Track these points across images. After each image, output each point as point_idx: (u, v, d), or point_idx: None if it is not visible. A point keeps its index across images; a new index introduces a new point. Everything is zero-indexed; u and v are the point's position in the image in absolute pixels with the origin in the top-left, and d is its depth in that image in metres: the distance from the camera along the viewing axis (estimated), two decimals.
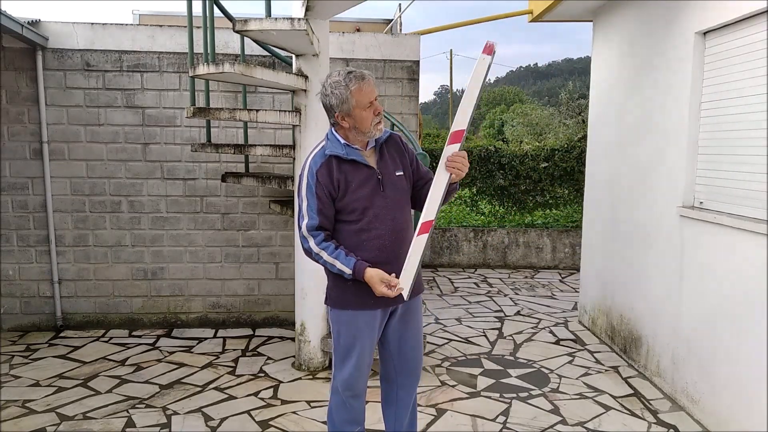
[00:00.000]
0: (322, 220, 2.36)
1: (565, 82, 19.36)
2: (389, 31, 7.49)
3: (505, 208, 8.38)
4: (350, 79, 2.31)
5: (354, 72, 2.34)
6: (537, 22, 5.84)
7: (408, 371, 2.63)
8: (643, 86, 4.26)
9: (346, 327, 2.50)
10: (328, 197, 2.36)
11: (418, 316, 2.63)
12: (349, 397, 2.55)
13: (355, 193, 2.37)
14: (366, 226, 2.38)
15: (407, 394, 2.67)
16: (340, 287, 2.46)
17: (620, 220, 4.64)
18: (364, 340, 2.49)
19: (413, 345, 2.61)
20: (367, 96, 2.32)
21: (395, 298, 2.40)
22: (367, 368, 2.54)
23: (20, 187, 4.92)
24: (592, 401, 3.74)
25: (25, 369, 4.20)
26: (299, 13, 3.73)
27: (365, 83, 2.32)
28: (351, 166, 2.38)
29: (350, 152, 2.39)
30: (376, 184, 2.40)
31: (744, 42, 3.17)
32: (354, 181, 2.37)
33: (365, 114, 2.33)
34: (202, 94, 4.68)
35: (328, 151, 2.38)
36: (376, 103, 2.36)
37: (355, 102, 2.31)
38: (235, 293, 5.22)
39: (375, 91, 2.37)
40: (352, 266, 2.31)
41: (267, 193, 5.11)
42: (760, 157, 3.01)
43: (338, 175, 2.35)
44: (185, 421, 3.43)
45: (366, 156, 2.43)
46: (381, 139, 2.47)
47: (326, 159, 2.37)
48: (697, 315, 3.48)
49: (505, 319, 5.51)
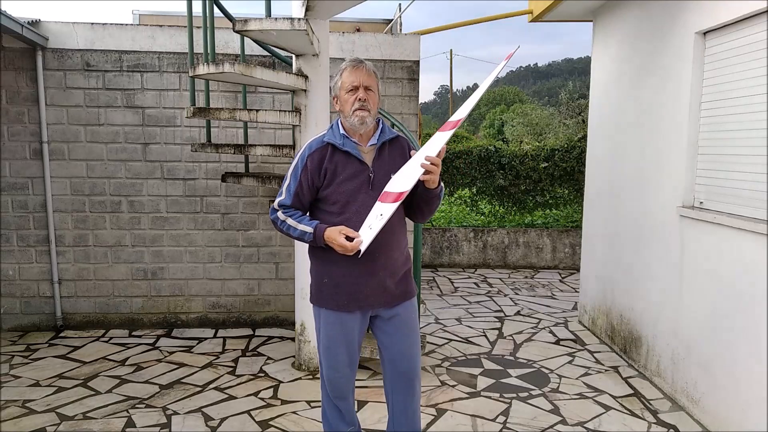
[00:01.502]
0: (295, 201, 2.43)
1: (565, 82, 19.38)
2: (389, 31, 7.49)
3: (505, 208, 8.38)
4: (348, 63, 2.41)
5: (354, 58, 2.43)
6: (537, 22, 5.84)
7: (397, 375, 2.58)
8: (643, 86, 4.26)
9: (322, 325, 2.52)
10: (309, 183, 2.40)
11: (409, 321, 2.56)
12: (335, 397, 2.58)
13: (340, 185, 2.38)
14: (346, 220, 2.36)
15: (403, 398, 2.62)
16: (317, 285, 2.50)
17: (620, 220, 4.64)
18: (339, 341, 2.48)
19: (402, 350, 2.54)
20: (353, 79, 2.37)
21: (371, 301, 2.43)
22: (345, 369, 2.53)
23: (20, 187, 4.92)
24: (592, 401, 3.74)
25: (25, 369, 4.20)
26: (299, 13, 3.73)
27: (356, 69, 2.38)
28: (344, 158, 2.40)
29: (346, 143, 2.40)
30: (365, 181, 2.39)
31: (744, 42, 3.17)
32: (342, 173, 2.38)
33: (346, 96, 2.39)
34: (202, 94, 4.68)
35: (326, 138, 2.42)
36: (361, 91, 2.37)
37: (341, 83, 2.40)
38: (235, 293, 5.22)
39: (367, 79, 2.39)
40: (314, 227, 2.34)
41: (267, 193, 5.11)
42: (760, 157, 3.01)
43: (328, 164, 2.38)
44: (185, 421, 3.43)
45: (363, 151, 2.43)
46: (384, 138, 2.47)
47: (322, 146, 2.42)
48: (697, 315, 3.48)
49: (505, 319, 5.51)
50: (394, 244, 2.46)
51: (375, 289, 2.43)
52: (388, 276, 2.45)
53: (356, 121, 2.37)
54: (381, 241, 2.33)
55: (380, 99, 2.51)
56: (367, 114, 2.37)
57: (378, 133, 2.48)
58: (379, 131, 2.48)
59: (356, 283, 2.41)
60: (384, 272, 2.43)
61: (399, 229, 2.50)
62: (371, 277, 2.41)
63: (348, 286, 2.42)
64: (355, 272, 2.39)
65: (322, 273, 2.48)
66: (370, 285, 2.42)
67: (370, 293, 2.43)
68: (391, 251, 2.44)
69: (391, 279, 2.46)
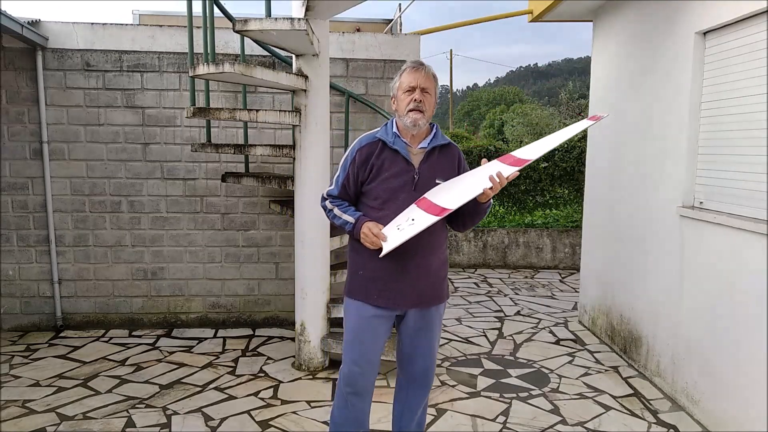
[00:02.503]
0: (342, 193, 2.49)
1: (565, 82, 19.39)
2: (389, 31, 7.49)
3: (505, 208, 8.38)
4: (409, 64, 2.45)
5: (417, 61, 2.46)
6: (537, 22, 5.84)
7: (412, 377, 2.63)
8: (643, 86, 4.26)
9: (350, 317, 2.54)
10: (354, 177, 2.46)
11: (434, 326, 2.58)
12: (349, 393, 2.55)
13: (384, 182, 2.42)
14: (384, 217, 2.39)
15: (415, 398, 2.67)
16: (352, 276, 2.53)
17: (620, 220, 4.64)
18: (365, 336, 2.49)
19: (422, 353, 2.58)
20: (411, 79, 2.40)
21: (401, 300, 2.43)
22: (368, 366, 2.53)
23: (20, 187, 4.92)
24: (592, 401, 3.74)
25: (25, 369, 4.20)
26: (299, 13, 3.73)
27: (416, 70, 2.42)
28: (391, 155, 2.43)
29: (396, 142, 2.44)
30: (409, 181, 2.41)
31: (744, 42, 3.17)
32: (388, 171, 2.42)
33: (403, 96, 2.42)
34: (202, 94, 4.68)
35: (379, 134, 2.48)
36: (418, 92, 2.39)
37: (399, 83, 2.44)
38: (235, 293, 5.22)
39: (425, 81, 2.41)
40: (357, 218, 2.39)
41: (267, 193, 5.11)
42: (760, 157, 3.01)
43: (375, 160, 2.43)
44: (185, 421, 3.43)
45: (412, 152, 2.46)
46: (436, 143, 2.48)
47: (373, 141, 2.47)
48: (697, 315, 3.48)
49: (505, 319, 5.51)
50: (435, 246, 2.47)
51: (407, 288, 2.44)
52: (422, 276, 2.45)
53: (409, 122, 2.40)
54: (420, 241, 2.34)
55: (437, 102, 2.53)
56: (420, 116, 2.40)
57: (430, 138, 2.49)
58: (432, 135, 2.50)
59: (389, 279, 2.43)
60: (418, 272, 2.44)
61: (439, 232, 2.50)
62: (404, 274, 2.42)
63: (381, 281, 2.44)
64: (390, 268, 2.41)
65: (358, 264, 2.51)
66: (403, 282, 2.43)
67: (402, 291, 2.44)
68: (429, 253, 2.45)
69: (425, 280, 2.47)
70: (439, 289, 2.53)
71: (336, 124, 4.97)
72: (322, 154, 4.01)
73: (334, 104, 4.85)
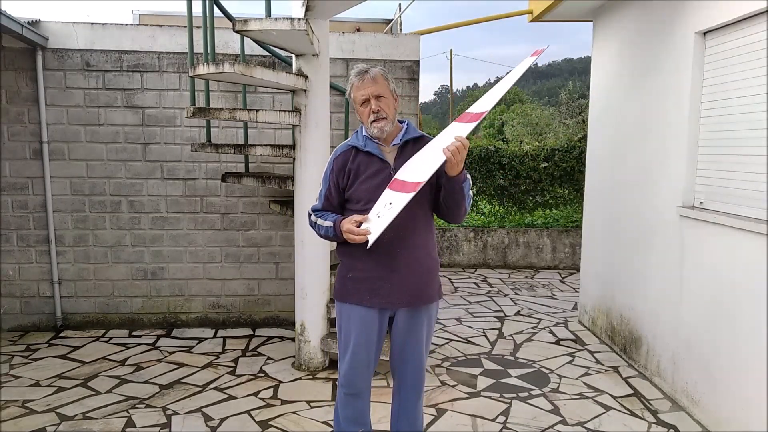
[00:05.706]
0: (326, 205, 2.53)
1: (565, 82, 19.37)
2: (389, 31, 7.49)
3: (505, 208, 8.38)
4: (353, 76, 2.43)
5: (359, 68, 2.43)
6: (537, 22, 5.84)
7: (404, 378, 2.62)
8: (643, 86, 4.26)
9: (343, 321, 2.55)
10: (335, 185, 2.49)
11: (424, 327, 2.56)
12: (348, 394, 2.58)
13: (362, 184, 2.43)
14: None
15: (408, 399, 2.67)
16: (341, 280, 2.54)
17: (620, 220, 4.64)
18: (359, 338, 2.50)
19: (412, 354, 2.57)
20: (361, 93, 2.41)
21: (393, 299, 2.44)
22: (363, 367, 2.54)
23: (20, 187, 4.92)
24: (592, 401, 3.74)
25: (25, 369, 4.20)
26: (299, 13, 3.72)
27: (361, 80, 2.40)
28: (366, 158, 2.45)
29: (367, 144, 2.46)
30: (387, 178, 2.41)
31: (744, 42, 3.17)
32: (365, 173, 2.44)
33: (361, 110, 2.45)
34: (202, 94, 4.67)
35: (350, 142, 2.52)
36: (373, 102, 2.39)
37: (353, 99, 2.46)
38: (235, 293, 5.22)
39: (375, 88, 2.39)
40: (333, 220, 2.41)
41: (267, 193, 5.11)
42: (760, 157, 3.01)
43: (351, 165, 2.46)
44: (185, 421, 3.43)
45: (385, 151, 2.47)
46: (407, 137, 2.49)
47: (347, 149, 2.51)
48: (697, 315, 3.48)
49: (505, 319, 5.51)
50: (418, 242, 2.46)
51: (397, 287, 2.44)
52: (411, 275, 2.45)
53: (375, 131, 2.42)
54: (401, 237, 2.37)
55: (396, 97, 2.50)
56: (384, 122, 2.41)
57: (402, 133, 2.50)
58: (403, 131, 2.51)
59: (378, 278, 2.43)
60: (406, 270, 2.44)
61: (423, 228, 2.49)
62: (393, 273, 2.42)
63: (370, 282, 2.44)
64: (378, 268, 2.42)
65: (347, 268, 2.52)
66: (393, 282, 2.43)
67: (392, 290, 2.44)
68: (413, 249, 2.44)
69: (414, 278, 2.46)
70: (430, 288, 2.53)
71: (336, 124, 4.97)
72: (322, 154, 4.01)
73: (334, 104, 4.85)
